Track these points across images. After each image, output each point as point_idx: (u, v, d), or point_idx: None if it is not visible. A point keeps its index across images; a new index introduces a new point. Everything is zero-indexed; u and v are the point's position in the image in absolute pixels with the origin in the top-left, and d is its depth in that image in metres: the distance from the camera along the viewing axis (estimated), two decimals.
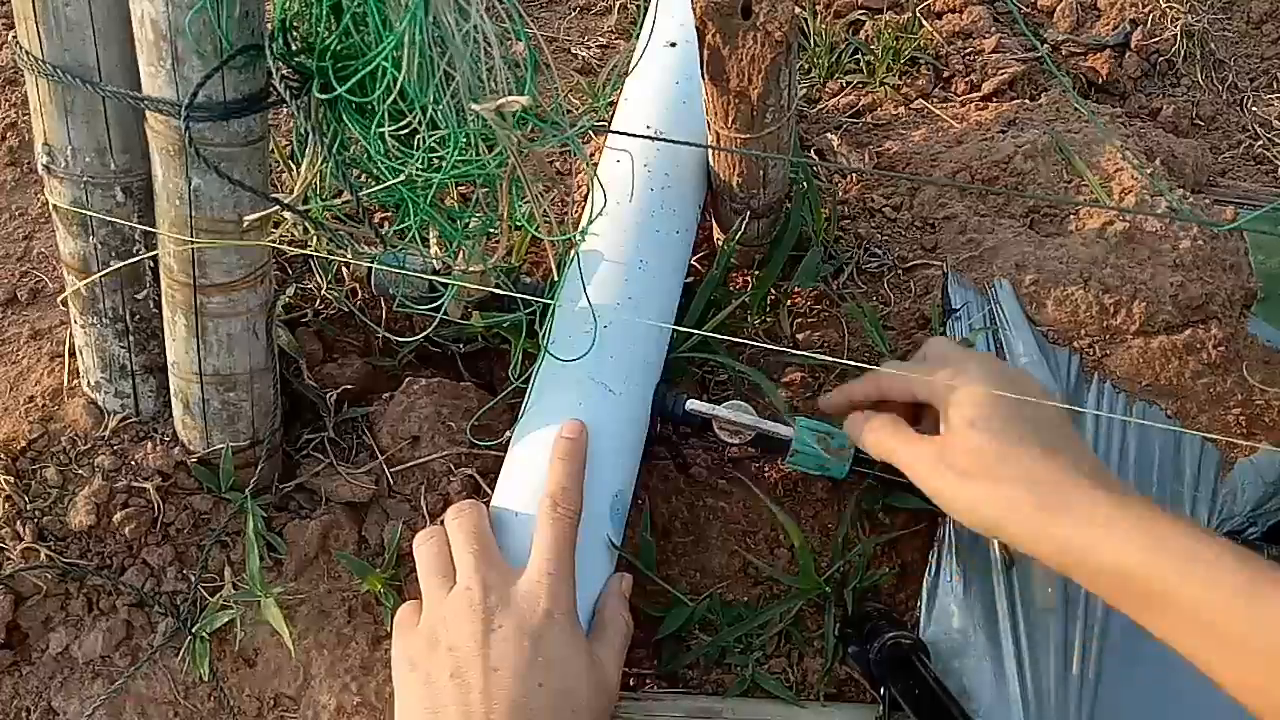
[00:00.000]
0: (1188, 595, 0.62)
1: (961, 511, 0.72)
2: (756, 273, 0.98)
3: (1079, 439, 0.74)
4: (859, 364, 0.83)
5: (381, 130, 0.66)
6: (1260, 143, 1.27)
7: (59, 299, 0.85)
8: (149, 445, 0.82)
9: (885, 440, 0.76)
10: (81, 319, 0.80)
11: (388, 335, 0.89)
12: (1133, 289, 0.93)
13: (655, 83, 0.98)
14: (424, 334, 0.84)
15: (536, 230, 0.76)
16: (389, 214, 0.90)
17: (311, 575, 0.81)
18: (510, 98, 0.63)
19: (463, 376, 0.92)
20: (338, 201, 0.72)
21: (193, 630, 0.78)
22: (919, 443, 0.74)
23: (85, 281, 0.77)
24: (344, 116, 0.67)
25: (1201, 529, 0.66)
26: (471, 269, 0.79)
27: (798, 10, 1.04)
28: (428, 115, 0.64)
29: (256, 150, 0.69)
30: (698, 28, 0.79)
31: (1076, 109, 1.13)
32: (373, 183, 0.70)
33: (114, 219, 0.74)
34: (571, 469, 0.73)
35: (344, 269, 0.93)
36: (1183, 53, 1.31)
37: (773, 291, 0.97)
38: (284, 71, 0.66)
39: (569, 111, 1.08)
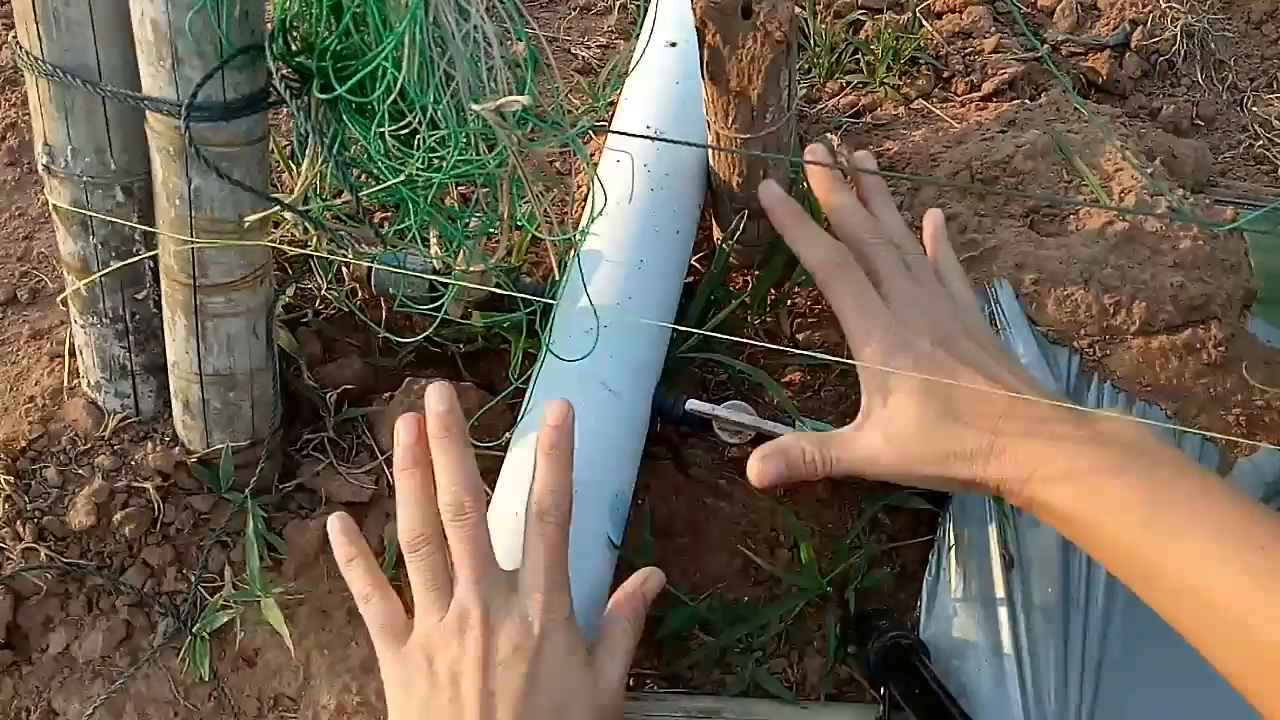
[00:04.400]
0: (1099, 529, 0.66)
1: (920, 482, 0.76)
2: (756, 272, 0.98)
3: (1007, 367, 0.75)
4: (859, 364, 0.83)
5: (381, 130, 0.66)
6: (1260, 143, 1.27)
7: (59, 299, 0.85)
8: (149, 445, 0.82)
9: (831, 452, 0.76)
10: (81, 319, 0.80)
11: (388, 335, 0.89)
12: (1133, 289, 0.93)
13: (655, 83, 0.98)
14: (424, 334, 0.84)
15: (537, 230, 0.76)
16: (389, 214, 0.90)
17: (311, 575, 0.81)
18: (510, 98, 0.63)
19: (463, 376, 0.92)
20: (338, 201, 0.73)
21: (193, 630, 0.79)
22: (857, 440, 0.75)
23: (85, 281, 0.77)
24: (344, 116, 0.67)
25: (1127, 451, 0.67)
26: (472, 269, 0.79)
27: (798, 10, 1.04)
28: (428, 115, 0.64)
29: (256, 150, 0.69)
30: (698, 28, 0.79)
31: (1076, 109, 1.13)
32: (373, 183, 0.70)
33: (114, 219, 0.74)
34: (558, 466, 0.70)
35: (344, 269, 0.93)
36: (1183, 53, 1.31)
37: (772, 291, 0.97)
38: (284, 71, 0.66)
39: (569, 111, 1.08)
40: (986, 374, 0.73)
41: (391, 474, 0.84)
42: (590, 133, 1.00)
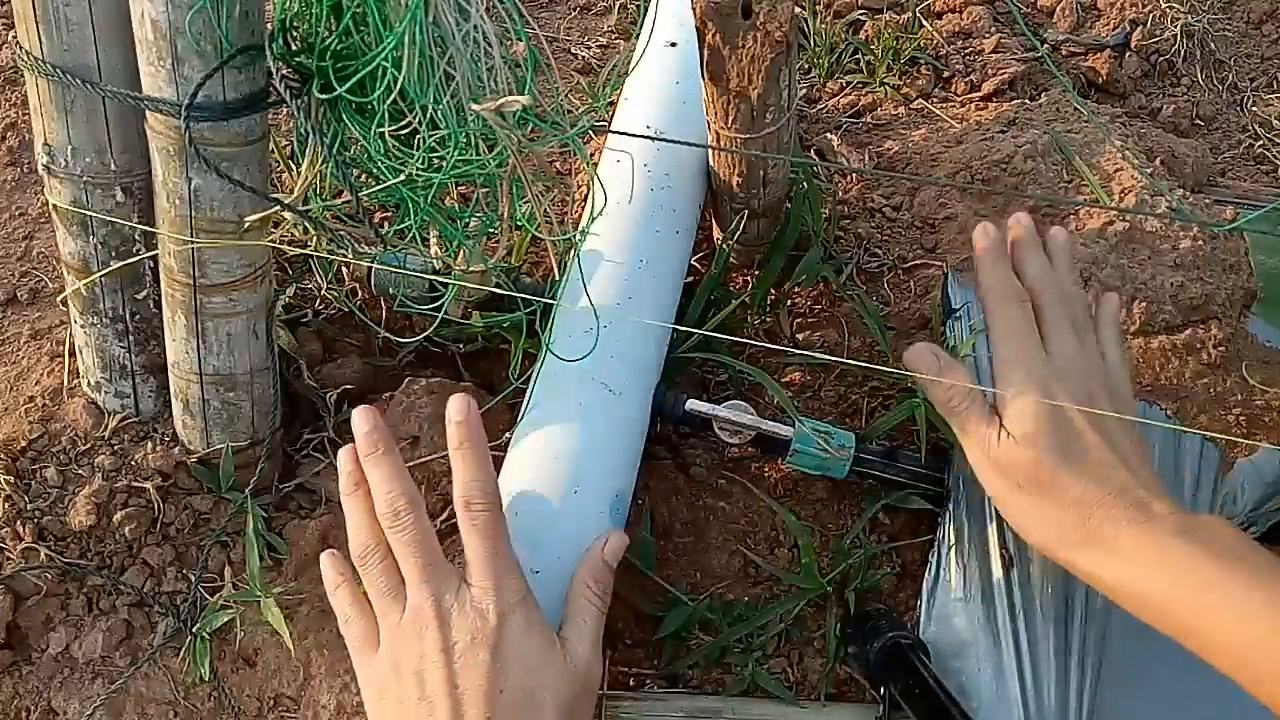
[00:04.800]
0: (1212, 632, 0.63)
1: (1009, 517, 0.74)
2: (756, 273, 0.98)
3: (1136, 446, 0.74)
4: (859, 364, 0.83)
5: (381, 130, 0.66)
6: (1260, 143, 1.27)
7: (59, 299, 0.85)
8: (149, 445, 0.82)
9: (956, 407, 0.75)
10: (81, 319, 0.80)
11: (388, 335, 0.89)
12: (1133, 289, 0.93)
13: (655, 83, 0.98)
14: (424, 334, 0.84)
15: (537, 230, 0.76)
16: (389, 214, 0.90)
17: (311, 575, 0.81)
18: (510, 98, 0.63)
19: (463, 376, 0.92)
20: (338, 201, 0.73)
21: (193, 630, 0.79)
22: (983, 426, 0.73)
23: (85, 281, 0.77)
24: (344, 116, 0.67)
25: (1236, 555, 0.65)
26: (472, 269, 0.79)
27: (798, 10, 1.04)
28: (428, 115, 0.64)
29: (256, 150, 0.69)
30: (698, 28, 0.79)
31: (1076, 109, 1.13)
32: (373, 183, 0.70)
33: (114, 219, 0.74)
34: (473, 458, 0.69)
35: (344, 269, 0.93)
36: (1183, 53, 1.31)
37: (773, 291, 0.97)
38: (284, 71, 0.66)
39: (569, 111, 1.07)
40: (1111, 445, 0.72)
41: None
42: (590, 133, 1.00)
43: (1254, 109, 1.30)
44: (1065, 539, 0.70)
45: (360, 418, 0.71)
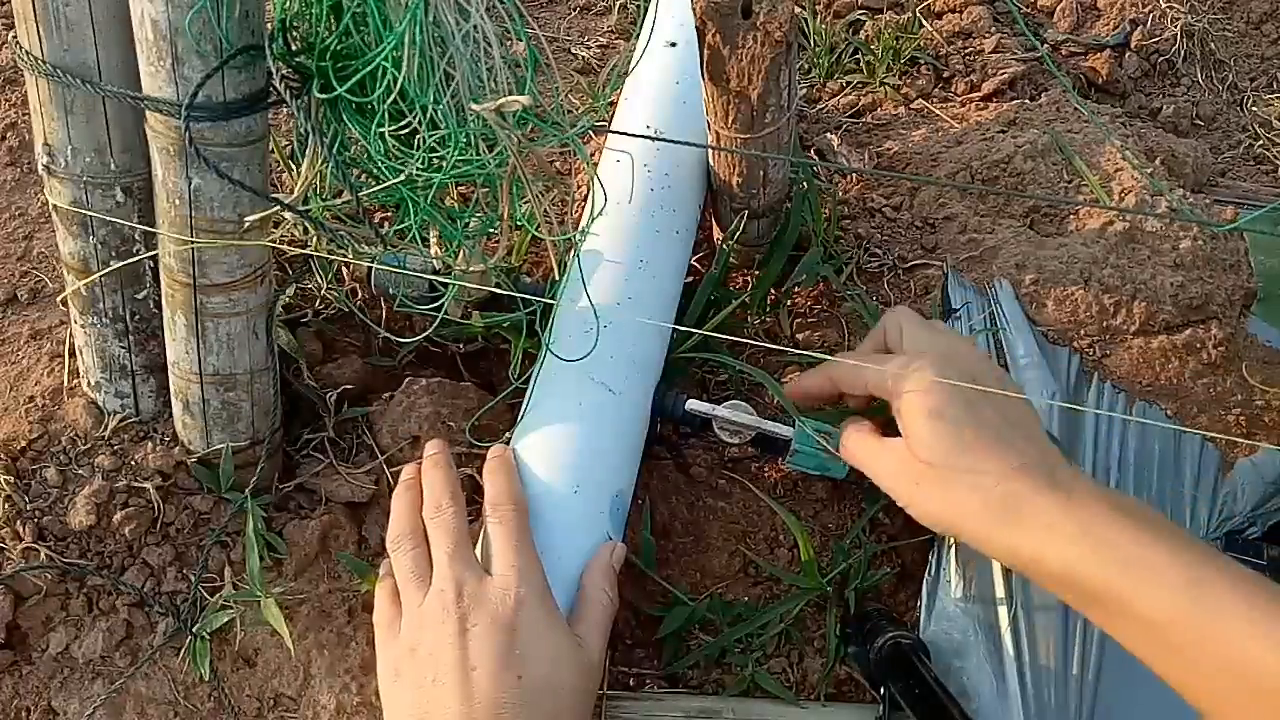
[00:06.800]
0: (1132, 600, 0.62)
1: (920, 516, 0.73)
2: (756, 273, 0.98)
3: (1035, 426, 0.73)
4: (859, 364, 0.83)
5: (381, 130, 0.66)
6: (1260, 143, 1.27)
7: (59, 299, 0.85)
8: (149, 445, 0.82)
9: (851, 448, 0.78)
10: (81, 319, 0.80)
11: (388, 335, 0.89)
12: (1133, 289, 0.93)
13: (655, 83, 0.98)
14: (424, 334, 0.84)
15: (537, 230, 0.76)
16: (389, 214, 0.90)
17: (311, 575, 0.81)
18: (510, 98, 0.63)
19: (463, 376, 0.92)
20: (338, 201, 0.73)
21: (193, 630, 0.79)
22: (880, 448, 0.75)
23: (85, 281, 0.77)
24: (344, 116, 0.67)
25: (1156, 527, 0.64)
26: (472, 269, 0.79)
27: (798, 10, 1.04)
28: (428, 115, 0.64)
29: (256, 150, 0.69)
30: (698, 28, 0.79)
31: (1076, 109, 1.13)
32: (373, 183, 0.70)
33: (114, 219, 0.74)
34: (502, 478, 0.74)
35: (344, 269, 0.93)
36: (1183, 53, 1.31)
37: (773, 291, 0.97)
38: (284, 71, 0.66)
39: (569, 111, 1.08)
40: (1005, 419, 0.71)
41: (391, 473, 0.84)
42: (590, 133, 1.00)
43: (1254, 109, 1.31)
44: (973, 517, 0.68)
45: (433, 441, 0.79)
